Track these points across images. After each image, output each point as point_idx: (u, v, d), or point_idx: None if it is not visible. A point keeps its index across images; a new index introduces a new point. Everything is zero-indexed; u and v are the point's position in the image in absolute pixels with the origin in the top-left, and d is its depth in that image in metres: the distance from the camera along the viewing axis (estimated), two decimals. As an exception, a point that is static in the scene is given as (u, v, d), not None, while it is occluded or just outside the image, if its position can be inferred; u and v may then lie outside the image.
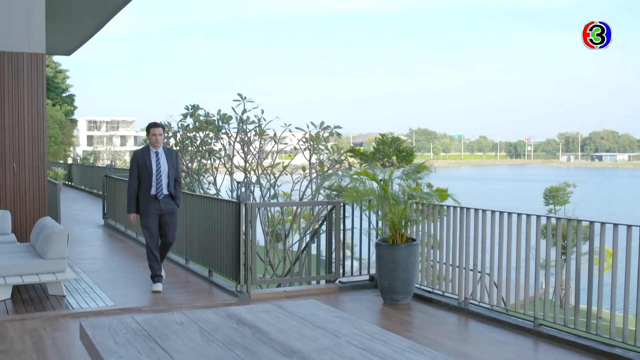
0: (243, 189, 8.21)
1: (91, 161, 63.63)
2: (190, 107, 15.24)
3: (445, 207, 7.88)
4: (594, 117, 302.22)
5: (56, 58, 56.55)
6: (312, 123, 13.98)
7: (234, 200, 8.68)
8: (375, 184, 8.19)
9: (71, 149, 58.54)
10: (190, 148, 15.27)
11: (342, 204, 8.73)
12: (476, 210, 7.47)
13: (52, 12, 16.72)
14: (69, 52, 23.84)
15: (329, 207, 8.95)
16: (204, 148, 14.95)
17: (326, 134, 14.13)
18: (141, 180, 8.27)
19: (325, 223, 9.00)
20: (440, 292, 7.99)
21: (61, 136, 47.95)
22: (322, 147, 13.53)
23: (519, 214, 6.88)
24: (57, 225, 8.75)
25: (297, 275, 9.44)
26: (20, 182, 12.12)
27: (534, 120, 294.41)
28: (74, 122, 57.03)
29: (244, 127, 14.11)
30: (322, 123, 14.04)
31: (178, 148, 14.93)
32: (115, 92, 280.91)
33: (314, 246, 10.89)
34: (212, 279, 9.05)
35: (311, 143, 13.58)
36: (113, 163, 46.23)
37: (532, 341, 6.44)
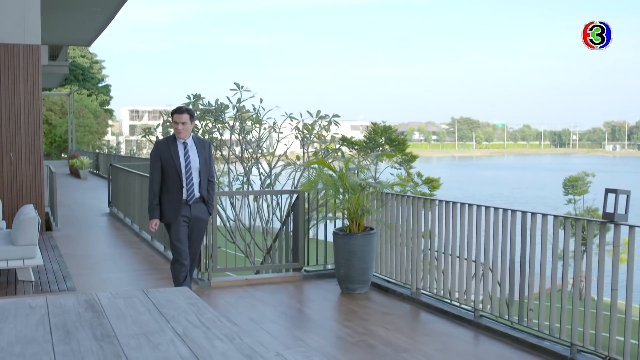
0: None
1: (134, 149, 64.54)
2: (192, 96, 15.36)
3: (407, 197, 7.85)
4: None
5: (94, 49, 57.60)
6: (308, 112, 13.98)
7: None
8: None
9: (106, 138, 59.53)
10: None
11: (306, 193, 8.76)
12: (432, 200, 7.44)
13: (61, 4, 17.06)
14: (88, 43, 24.30)
15: (294, 196, 8.98)
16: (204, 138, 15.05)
17: (324, 123, 14.12)
18: (166, 178, 6.55)
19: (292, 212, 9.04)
20: (397, 282, 7.98)
21: (95, 126, 48.83)
22: (315, 137, 13.52)
23: (470, 205, 6.82)
24: (30, 213, 8.95)
25: (262, 264, 9.52)
26: (16, 172, 12.43)
27: (579, 108, 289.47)
28: (109, 112, 57.93)
29: (239, 115, 14.16)
30: (319, 112, 14.03)
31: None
32: (159, 82, 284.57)
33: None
34: (182, 267, 9.16)
35: (304, 132, 13.59)
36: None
37: (470, 332, 6.41)
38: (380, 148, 22.03)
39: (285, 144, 14.43)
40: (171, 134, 6.85)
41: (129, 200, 13.60)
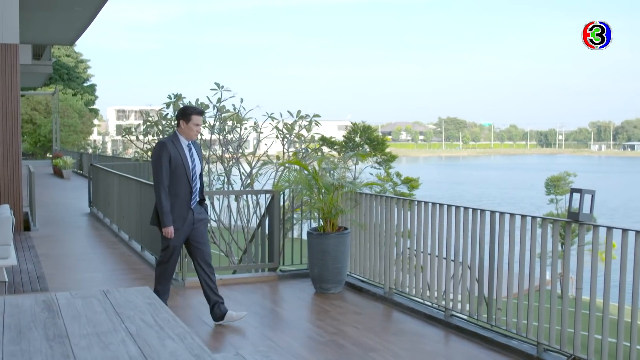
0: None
1: (120, 149, 64.34)
2: (173, 95, 15.32)
3: (380, 197, 7.87)
4: (627, 106, 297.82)
5: (79, 48, 57.36)
6: (288, 112, 13.98)
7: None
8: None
9: (91, 137, 59.30)
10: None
11: (284, 193, 8.77)
12: (404, 200, 7.48)
13: (41, 3, 16.98)
14: (70, 42, 24.22)
15: (269, 196, 8.99)
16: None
17: (305, 123, 14.13)
18: (174, 182, 6.23)
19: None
20: (371, 282, 8.01)
21: (80, 125, 48.62)
22: (295, 137, 13.52)
23: (441, 204, 6.86)
24: (4, 213, 8.91)
25: (238, 264, 9.52)
26: (-6, 172, 12.36)
27: (565, 109, 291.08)
28: (94, 111, 57.71)
29: (220, 115, 14.14)
30: (299, 112, 14.04)
31: (160, 138, 15.01)
32: (146, 82, 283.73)
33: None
34: (158, 267, 9.15)
35: (284, 132, 13.59)
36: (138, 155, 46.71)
37: (441, 331, 6.43)
38: (360, 148, 22.08)
39: (266, 144, 14.42)
40: (156, 135, 6.61)
41: (109, 200, 13.57)
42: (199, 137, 14.30)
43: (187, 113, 6.26)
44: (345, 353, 5.71)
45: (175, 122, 6.44)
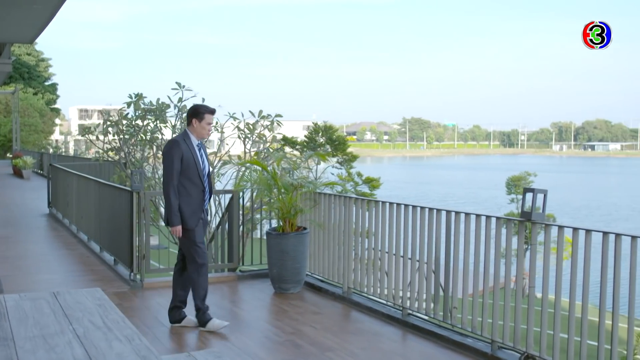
0: (136, 177, 8.12)
1: (83, 149, 63.46)
2: (134, 95, 15.17)
3: (339, 196, 7.89)
4: (587, 107, 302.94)
5: (40, 47, 56.55)
6: (250, 112, 13.95)
7: (127, 188, 8.68)
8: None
9: (53, 137, 58.47)
10: (132, 139, 15.20)
11: (240, 193, 8.75)
12: (362, 200, 7.51)
13: (-2, 0, 16.65)
14: (30, 40, 23.72)
15: (229, 196, 8.97)
16: (146, 137, 14.88)
17: (267, 123, 14.10)
18: (187, 181, 6.14)
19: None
20: (330, 282, 8.03)
21: (41, 125, 47.92)
22: (257, 137, 13.50)
23: (398, 204, 6.89)
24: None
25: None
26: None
27: (527, 110, 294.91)
28: (55, 110, 56.92)
29: (182, 115, 14.05)
30: (261, 112, 14.01)
31: (121, 138, 14.84)
32: (109, 81, 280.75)
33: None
34: (116, 268, 9.07)
35: (246, 132, 13.56)
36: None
37: (398, 330, 6.47)
38: (321, 148, 22.09)
39: (227, 144, 14.38)
40: (182, 132, 6.44)
41: (68, 200, 13.40)
42: (160, 136, 14.21)
43: (200, 112, 6.20)
44: (302, 353, 5.72)
45: (186, 120, 6.34)
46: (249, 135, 13.60)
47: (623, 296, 4.82)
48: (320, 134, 23.86)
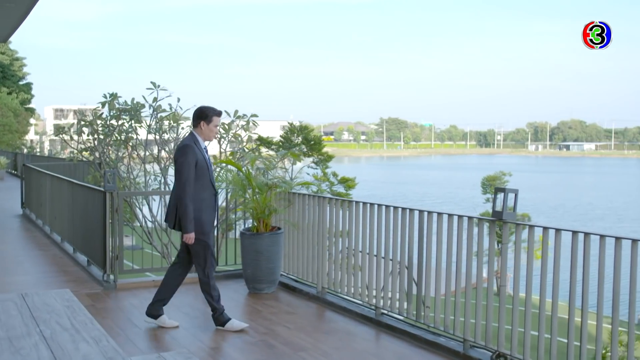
0: (109, 177, 8.05)
1: (59, 149, 62.88)
2: (108, 95, 15.05)
3: (313, 196, 7.89)
4: (562, 107, 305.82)
5: (15, 46, 55.91)
6: (226, 112, 13.90)
7: (99, 188, 8.62)
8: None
9: (27, 137, 57.88)
10: (107, 139, 15.07)
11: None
12: (336, 200, 7.52)
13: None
14: (3, 39, 23.50)
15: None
16: (120, 137, 14.77)
17: (242, 123, 14.07)
18: (201, 186, 6.07)
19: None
20: (304, 282, 8.03)
21: (15, 125, 47.41)
22: (232, 137, 13.47)
23: (372, 204, 6.91)
24: None
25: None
26: None
27: (503, 110, 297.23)
28: (30, 110, 56.34)
29: (157, 115, 13.97)
30: (236, 112, 13.98)
31: (95, 138, 14.71)
32: (84, 81, 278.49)
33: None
34: (90, 269, 9.00)
35: (221, 132, 13.51)
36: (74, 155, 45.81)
37: (372, 330, 6.49)
38: (297, 148, 22.09)
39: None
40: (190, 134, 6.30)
41: (41, 201, 13.28)
42: (135, 136, 14.11)
43: (207, 114, 6.14)
44: (274, 353, 5.71)
45: (193, 123, 6.26)
46: (225, 135, 13.56)
47: (592, 293, 4.87)
48: (296, 134, 23.88)
